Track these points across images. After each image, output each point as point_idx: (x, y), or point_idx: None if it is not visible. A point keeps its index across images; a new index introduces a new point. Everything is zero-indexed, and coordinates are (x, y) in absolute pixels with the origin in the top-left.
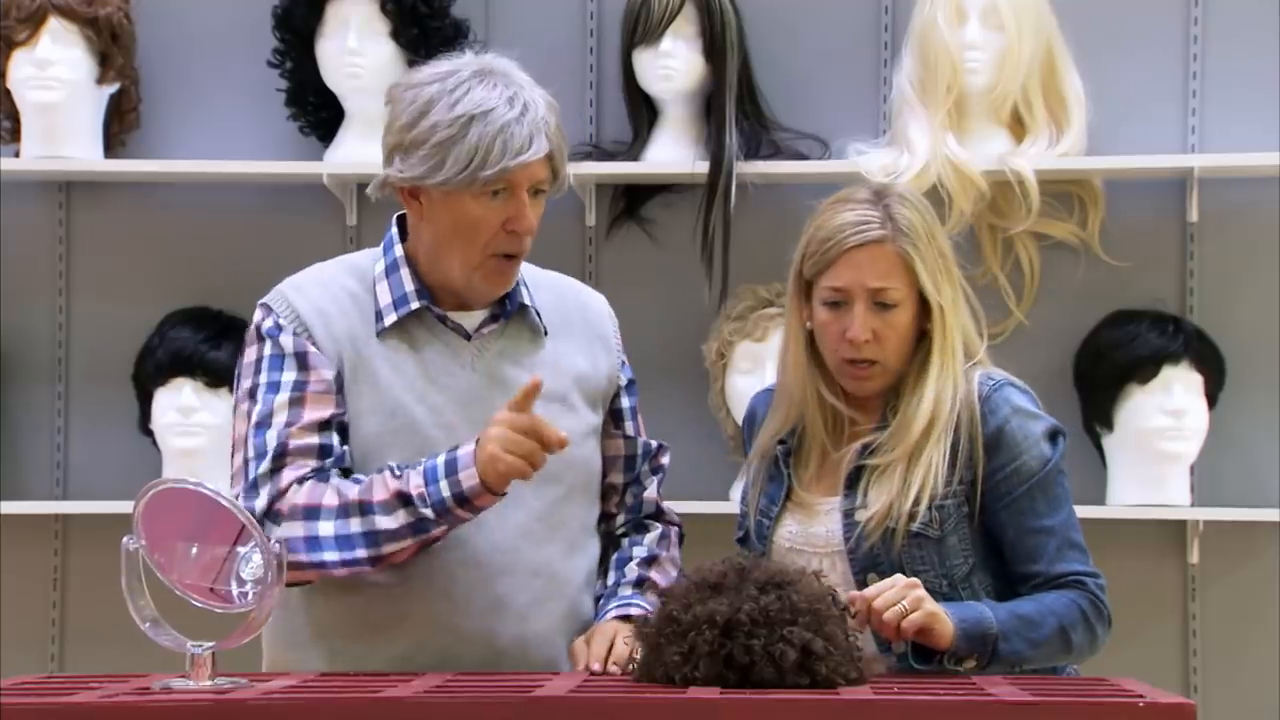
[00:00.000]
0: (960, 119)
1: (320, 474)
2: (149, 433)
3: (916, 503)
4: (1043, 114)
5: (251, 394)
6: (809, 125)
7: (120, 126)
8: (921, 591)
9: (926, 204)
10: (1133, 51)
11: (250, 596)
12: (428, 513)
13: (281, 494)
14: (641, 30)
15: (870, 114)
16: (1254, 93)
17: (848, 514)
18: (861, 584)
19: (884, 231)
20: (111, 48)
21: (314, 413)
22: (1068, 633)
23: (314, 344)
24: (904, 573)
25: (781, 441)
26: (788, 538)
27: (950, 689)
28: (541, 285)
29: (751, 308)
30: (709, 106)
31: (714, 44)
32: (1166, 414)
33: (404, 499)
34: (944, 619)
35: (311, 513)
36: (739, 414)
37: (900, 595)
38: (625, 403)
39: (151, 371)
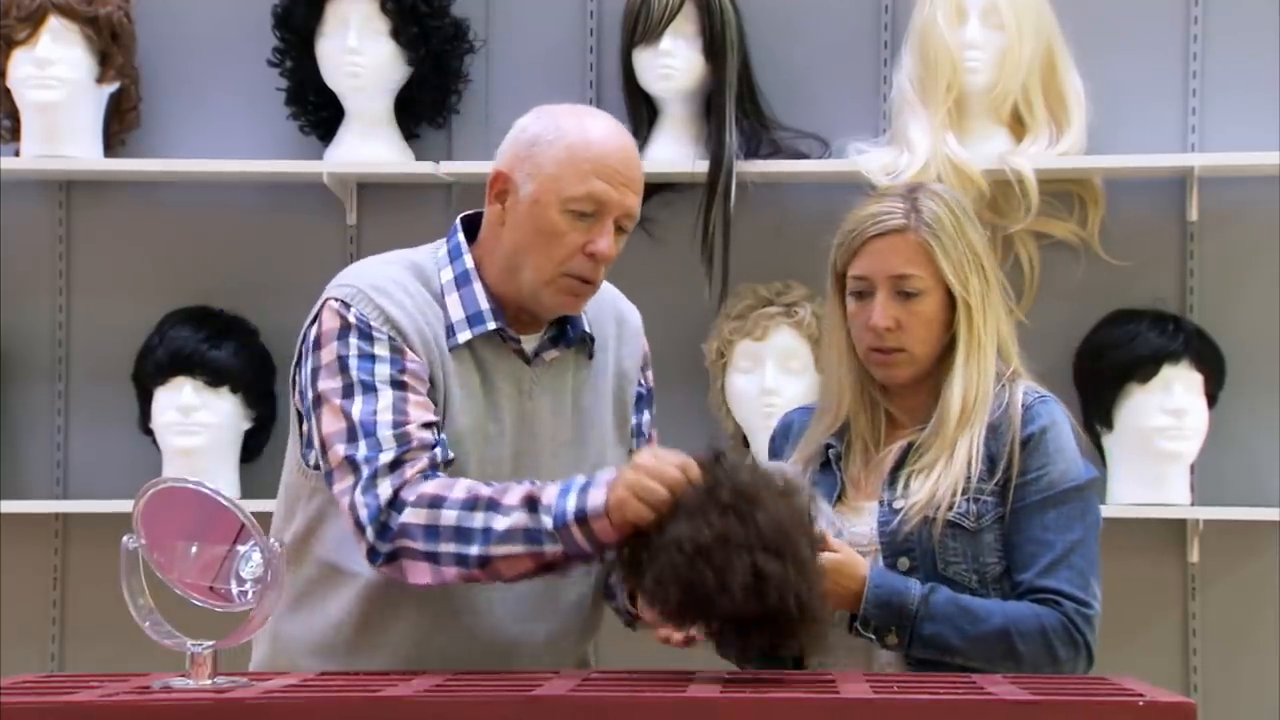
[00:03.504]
0: (960, 118)
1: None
2: (149, 432)
3: (954, 492)
4: (1043, 113)
5: (348, 391)
6: (809, 124)
7: (120, 126)
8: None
9: (961, 200)
10: (1133, 51)
11: (250, 595)
12: (546, 521)
13: (406, 484)
14: (641, 29)
15: (870, 113)
16: (1254, 93)
17: (886, 505)
18: (891, 569)
19: (905, 221)
20: (111, 47)
21: (421, 413)
22: (1011, 638)
23: (410, 348)
24: (936, 562)
25: (830, 445)
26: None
27: (950, 688)
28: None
29: (751, 307)
30: (709, 106)
31: (714, 43)
32: (1166, 413)
33: (531, 503)
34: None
35: (437, 501)
36: (739, 413)
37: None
38: (633, 419)
39: (151, 371)
